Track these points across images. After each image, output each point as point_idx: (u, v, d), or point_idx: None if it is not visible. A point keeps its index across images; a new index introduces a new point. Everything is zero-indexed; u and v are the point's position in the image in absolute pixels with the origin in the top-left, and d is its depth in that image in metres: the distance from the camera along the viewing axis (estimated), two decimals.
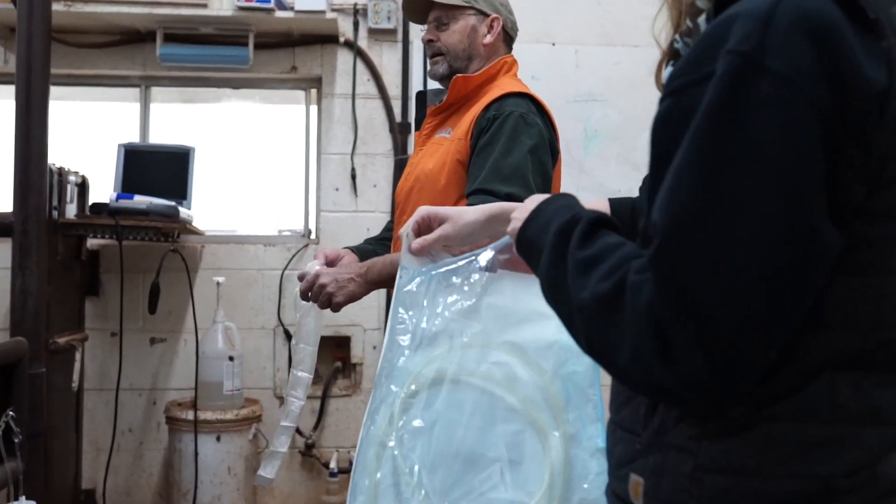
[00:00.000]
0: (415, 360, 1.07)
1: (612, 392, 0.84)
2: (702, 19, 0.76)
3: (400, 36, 3.15)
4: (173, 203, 2.50)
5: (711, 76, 0.64)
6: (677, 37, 0.80)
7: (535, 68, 3.11)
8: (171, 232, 2.60)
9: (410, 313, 1.09)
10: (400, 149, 3.15)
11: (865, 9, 0.64)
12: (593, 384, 1.08)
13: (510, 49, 1.87)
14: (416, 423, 1.05)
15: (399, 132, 3.15)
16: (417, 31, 2.08)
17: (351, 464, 3.04)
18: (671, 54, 0.81)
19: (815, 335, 0.66)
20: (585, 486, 1.03)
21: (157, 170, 2.84)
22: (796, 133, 0.62)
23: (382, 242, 1.86)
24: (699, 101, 0.64)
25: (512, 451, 1.04)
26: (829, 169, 0.62)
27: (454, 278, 1.09)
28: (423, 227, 1.13)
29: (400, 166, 3.11)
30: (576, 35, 3.19)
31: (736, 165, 0.62)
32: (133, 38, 3.10)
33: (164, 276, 2.78)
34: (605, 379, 0.85)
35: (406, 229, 1.13)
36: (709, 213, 0.63)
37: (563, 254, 0.76)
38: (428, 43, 1.85)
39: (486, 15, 1.82)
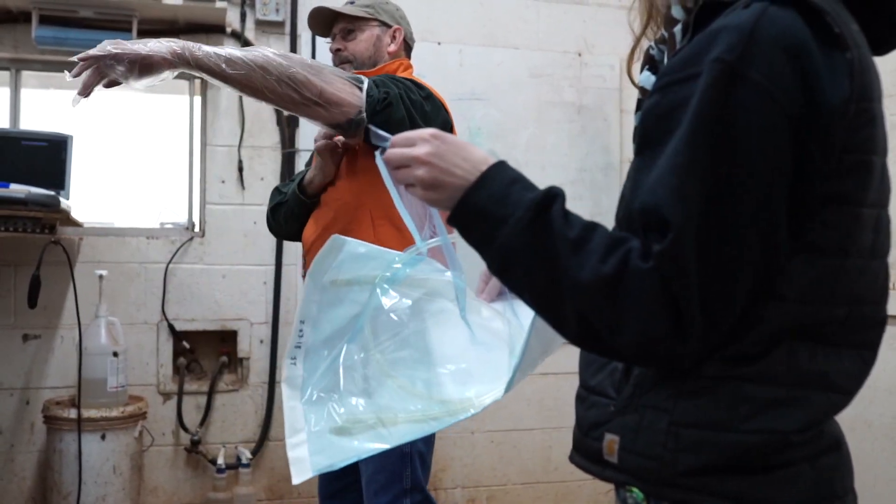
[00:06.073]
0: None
1: (583, 361, 0.91)
2: (677, 29, 0.85)
3: (288, 29, 3.15)
4: (53, 192, 2.40)
5: (694, 77, 0.73)
6: (653, 44, 0.89)
7: (420, 67, 3.17)
8: (49, 223, 2.50)
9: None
10: (288, 142, 3.15)
11: (831, 25, 0.75)
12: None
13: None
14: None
15: (287, 125, 3.15)
16: (305, 25, 2.12)
17: (238, 459, 3.03)
18: (647, 60, 0.90)
19: (777, 306, 0.76)
20: None
21: (32, 158, 2.70)
22: (772, 137, 0.72)
23: None
24: (681, 96, 0.74)
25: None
26: (795, 167, 0.73)
27: None
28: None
29: (288, 160, 3.11)
30: (460, 35, 3.30)
31: (728, 167, 0.72)
32: (3, 17, 2.93)
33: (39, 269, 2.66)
34: None
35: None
36: (712, 215, 0.72)
37: (544, 229, 0.78)
38: (336, 52, 1.97)
39: (388, 26, 1.97)
